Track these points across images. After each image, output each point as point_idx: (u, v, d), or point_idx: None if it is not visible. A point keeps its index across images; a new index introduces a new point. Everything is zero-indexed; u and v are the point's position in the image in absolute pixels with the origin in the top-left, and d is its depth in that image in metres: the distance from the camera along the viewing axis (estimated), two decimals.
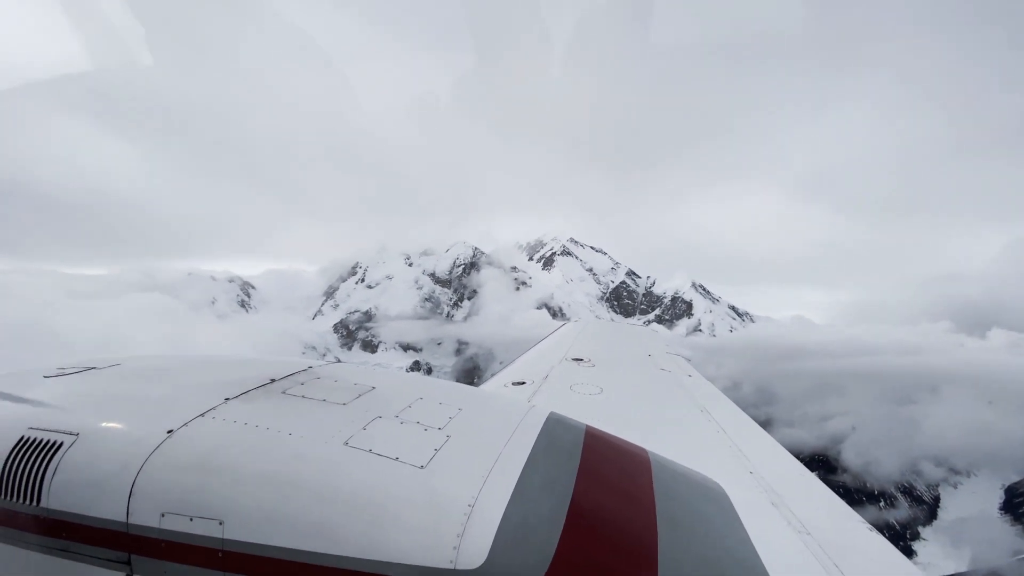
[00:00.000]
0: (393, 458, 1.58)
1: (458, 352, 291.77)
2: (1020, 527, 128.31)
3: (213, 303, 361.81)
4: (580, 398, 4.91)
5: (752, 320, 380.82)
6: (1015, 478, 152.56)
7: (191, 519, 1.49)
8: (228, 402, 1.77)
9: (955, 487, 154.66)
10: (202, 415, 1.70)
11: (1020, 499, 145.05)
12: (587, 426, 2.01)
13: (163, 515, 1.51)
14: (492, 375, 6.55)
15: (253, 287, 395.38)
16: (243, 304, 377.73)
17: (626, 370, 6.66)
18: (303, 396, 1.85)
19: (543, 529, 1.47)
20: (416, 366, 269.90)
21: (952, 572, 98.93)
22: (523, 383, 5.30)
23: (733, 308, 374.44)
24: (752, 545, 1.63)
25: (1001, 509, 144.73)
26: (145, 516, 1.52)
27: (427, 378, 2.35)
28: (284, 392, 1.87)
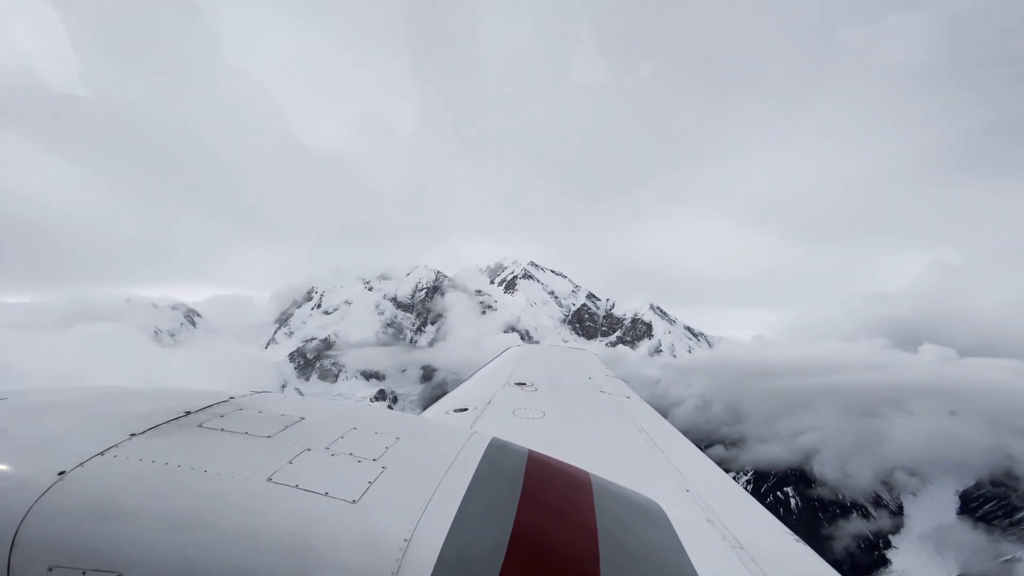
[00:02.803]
0: (322, 493, 1.46)
1: (424, 379, 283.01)
2: (998, 532, 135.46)
3: (156, 333, 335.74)
4: (523, 423, 4.87)
5: (708, 340, 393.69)
6: (968, 484, 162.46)
7: (84, 573, 1.34)
8: (133, 438, 1.56)
9: (915, 495, 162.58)
10: (102, 453, 1.48)
11: (975, 504, 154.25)
12: (530, 451, 1.96)
13: (51, 569, 1.35)
14: (434, 402, 6.43)
15: (199, 315, 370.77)
16: (186, 333, 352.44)
17: (568, 393, 6.62)
18: (222, 429, 1.68)
19: (484, 559, 1.41)
20: (381, 395, 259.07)
21: None
22: (465, 409, 5.25)
23: (689, 329, 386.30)
24: (690, 562, 1.64)
25: (958, 514, 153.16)
26: (29, 571, 1.35)
27: (362, 406, 2.21)
28: (201, 425, 1.68)
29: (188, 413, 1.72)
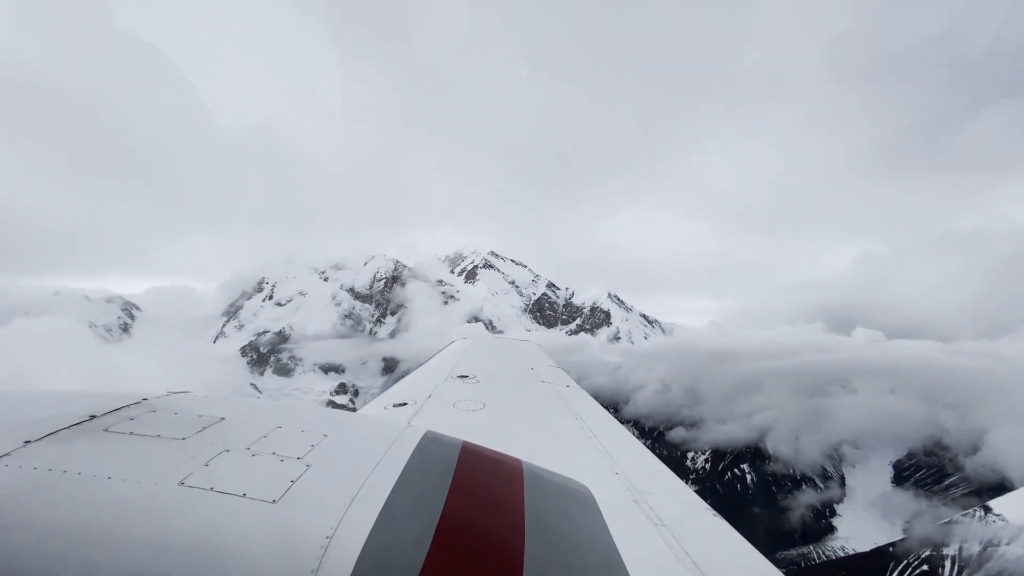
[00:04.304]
0: (239, 495, 1.42)
1: (386, 371, 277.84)
2: (936, 498, 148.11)
3: (92, 327, 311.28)
4: (462, 415, 4.94)
5: (661, 327, 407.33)
6: (901, 455, 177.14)
7: None
8: (28, 445, 1.44)
9: (854, 467, 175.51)
10: None
11: (907, 472, 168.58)
12: (464, 442, 1.96)
13: None
14: (374, 397, 6.51)
15: (137, 307, 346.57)
16: (125, 328, 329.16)
17: (509, 384, 6.70)
18: (131, 433, 1.53)
19: (409, 550, 1.42)
20: (342, 388, 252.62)
21: (887, 542, 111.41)
22: (405, 404, 5.24)
23: (644, 316, 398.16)
24: (612, 541, 1.68)
25: (893, 482, 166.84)
26: None
27: (290, 404, 2.14)
28: (107, 430, 1.53)
29: (93, 417, 1.58)
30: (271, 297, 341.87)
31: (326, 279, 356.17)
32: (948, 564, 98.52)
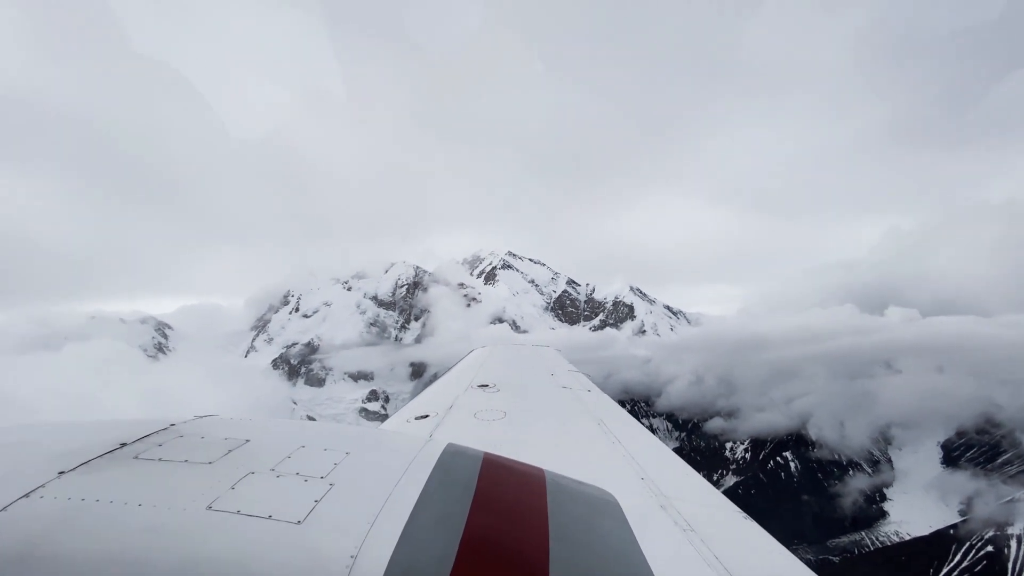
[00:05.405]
0: (265, 517, 1.46)
1: (414, 375, 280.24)
2: (995, 476, 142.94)
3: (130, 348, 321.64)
4: (483, 425, 4.91)
5: (686, 318, 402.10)
6: (950, 434, 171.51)
7: None
8: (62, 476, 1.49)
9: (900, 449, 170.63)
10: (27, 496, 1.44)
11: (956, 452, 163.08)
12: (485, 453, 1.94)
13: None
14: (404, 403, 6.49)
15: (170, 327, 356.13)
16: (160, 347, 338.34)
17: (529, 392, 6.73)
18: (160, 459, 1.56)
19: (433, 567, 1.43)
20: (373, 395, 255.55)
21: (945, 525, 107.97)
22: (426, 416, 5.26)
23: (668, 308, 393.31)
24: (639, 549, 1.64)
25: (943, 463, 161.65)
26: None
27: (312, 424, 2.18)
28: (137, 457, 1.56)
29: (124, 445, 1.59)
30: (297, 309, 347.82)
31: (349, 289, 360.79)
32: (1014, 544, 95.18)
